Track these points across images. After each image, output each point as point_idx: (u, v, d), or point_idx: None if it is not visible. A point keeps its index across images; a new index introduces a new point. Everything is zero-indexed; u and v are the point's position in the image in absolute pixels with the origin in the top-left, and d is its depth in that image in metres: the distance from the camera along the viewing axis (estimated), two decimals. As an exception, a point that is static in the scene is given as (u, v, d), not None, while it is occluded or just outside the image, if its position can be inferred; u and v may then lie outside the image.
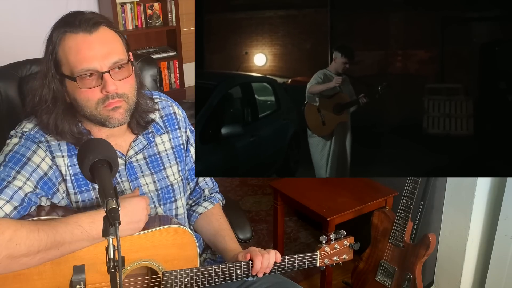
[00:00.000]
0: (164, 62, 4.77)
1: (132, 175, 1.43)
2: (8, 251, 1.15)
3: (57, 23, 1.28)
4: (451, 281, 2.36)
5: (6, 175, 1.26)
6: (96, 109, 1.28)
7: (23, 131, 1.34)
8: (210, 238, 1.59)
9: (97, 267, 1.28)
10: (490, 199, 2.22)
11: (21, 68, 1.67)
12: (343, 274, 2.57)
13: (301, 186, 2.47)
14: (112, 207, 1.00)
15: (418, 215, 2.19)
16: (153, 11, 4.69)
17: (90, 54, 1.24)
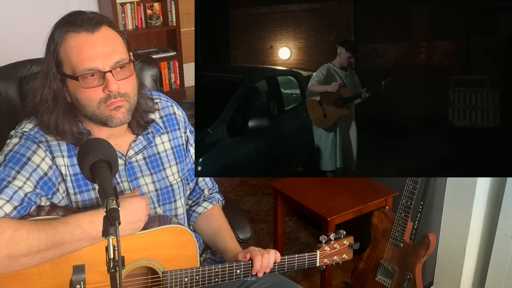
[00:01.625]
0: (164, 62, 4.78)
1: (131, 175, 1.43)
2: (8, 251, 1.15)
3: (58, 23, 1.28)
4: (451, 281, 2.36)
5: (6, 175, 1.26)
6: (98, 109, 1.28)
7: (23, 131, 1.34)
8: (210, 238, 1.59)
9: (97, 267, 1.28)
10: (490, 199, 2.22)
11: (21, 68, 1.67)
12: (343, 274, 2.57)
13: (301, 186, 2.47)
14: (112, 207, 1.00)
15: (418, 215, 2.19)
16: (153, 11, 4.69)
17: (92, 54, 1.24)
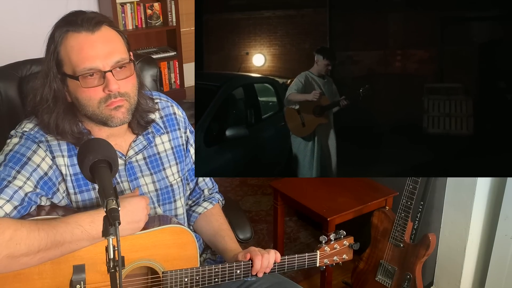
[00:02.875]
0: (164, 62, 4.78)
1: (131, 175, 1.43)
2: (8, 251, 1.15)
3: (58, 23, 1.29)
4: (451, 281, 2.36)
5: (6, 175, 1.26)
6: (98, 108, 1.28)
7: (23, 130, 1.34)
8: (210, 238, 1.59)
9: (97, 266, 1.28)
10: (490, 199, 2.22)
11: (21, 68, 1.67)
12: (343, 274, 2.57)
13: (301, 186, 2.47)
14: (112, 207, 1.00)
15: (418, 215, 2.19)
16: (153, 11, 4.69)
17: (93, 53, 1.24)
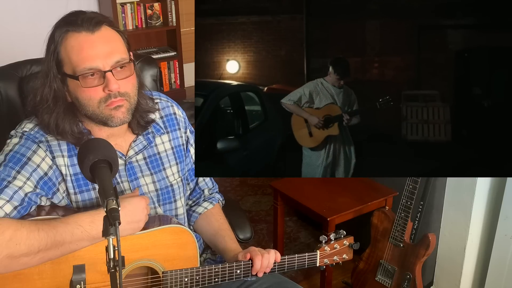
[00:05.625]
0: (164, 62, 4.77)
1: (132, 175, 1.43)
2: (8, 251, 1.15)
3: (59, 22, 1.29)
4: (451, 281, 2.36)
5: (6, 175, 1.26)
6: (98, 108, 1.28)
7: (23, 131, 1.34)
8: (210, 238, 1.59)
9: (97, 266, 1.28)
10: (490, 199, 2.22)
11: (21, 68, 1.67)
12: (343, 274, 2.57)
13: (301, 186, 2.47)
14: (112, 207, 1.00)
15: (418, 215, 2.19)
16: (153, 11, 4.69)
17: (93, 53, 1.25)
